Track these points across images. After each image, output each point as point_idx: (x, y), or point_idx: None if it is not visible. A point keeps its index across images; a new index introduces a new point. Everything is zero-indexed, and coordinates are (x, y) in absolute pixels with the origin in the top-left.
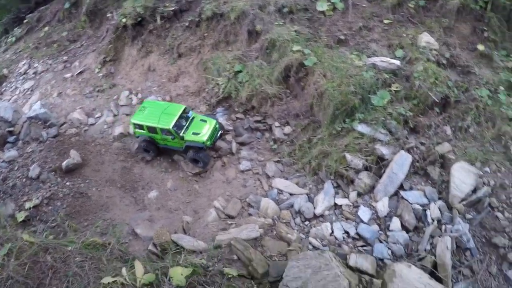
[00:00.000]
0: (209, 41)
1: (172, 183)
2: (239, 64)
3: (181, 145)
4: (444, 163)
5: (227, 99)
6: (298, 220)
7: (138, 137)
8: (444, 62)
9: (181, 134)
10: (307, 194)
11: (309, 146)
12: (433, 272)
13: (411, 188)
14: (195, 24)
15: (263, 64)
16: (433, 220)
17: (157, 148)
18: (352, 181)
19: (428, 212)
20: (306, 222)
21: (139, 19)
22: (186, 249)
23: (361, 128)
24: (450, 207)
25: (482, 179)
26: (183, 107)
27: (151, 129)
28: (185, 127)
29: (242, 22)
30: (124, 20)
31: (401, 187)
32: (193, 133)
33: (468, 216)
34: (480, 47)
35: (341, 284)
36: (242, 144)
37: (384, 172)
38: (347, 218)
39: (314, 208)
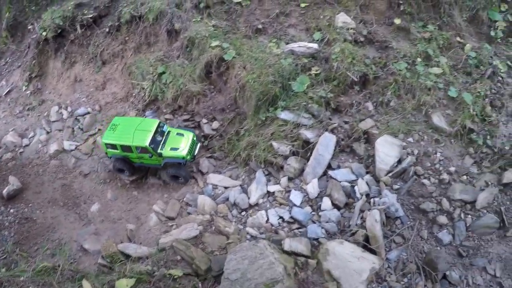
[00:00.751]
0: (130, 44)
1: (112, 193)
2: (161, 66)
3: (159, 162)
4: (369, 139)
5: (154, 101)
6: (234, 212)
7: (110, 157)
8: (362, 39)
9: (158, 150)
10: (240, 185)
11: (238, 139)
12: (366, 245)
13: (338, 167)
14: (115, 29)
15: (185, 62)
16: (361, 195)
17: (132, 167)
18: (281, 168)
19: (356, 188)
20: (243, 213)
21: (59, 30)
22: (133, 257)
23: (284, 115)
24: (378, 181)
25: (406, 149)
26: (157, 121)
27: (125, 148)
28: (162, 142)
29: (160, 22)
30: (44, 33)
31: (329, 166)
32: (171, 149)
33: (396, 186)
34: (397, 20)
35: (276, 270)
36: None
37: (310, 155)
38: (280, 204)
39: (249, 198)
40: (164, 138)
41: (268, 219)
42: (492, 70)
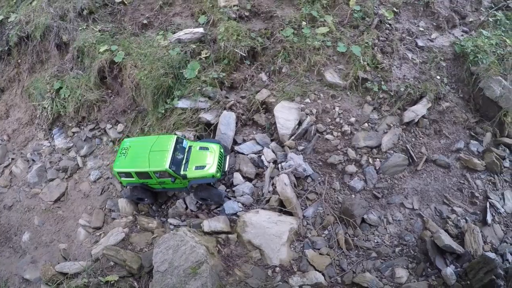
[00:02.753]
0: (24, 66)
1: (39, 219)
2: (57, 81)
3: (184, 185)
4: (268, 108)
5: (58, 118)
6: (155, 207)
7: (126, 186)
8: (247, 14)
9: (181, 172)
10: None
11: (144, 135)
12: (282, 209)
13: (244, 141)
14: (6, 54)
15: (79, 73)
16: (269, 163)
17: (153, 193)
18: None
19: (263, 157)
20: (163, 206)
21: None
22: (69, 274)
23: (182, 103)
24: (283, 146)
25: (304, 111)
26: (174, 137)
27: (142, 175)
28: (184, 161)
29: (48, 38)
30: None
31: (235, 143)
32: (197, 168)
33: (300, 147)
34: None
35: (198, 252)
36: (85, 156)
37: (214, 136)
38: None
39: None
40: (185, 155)
41: (187, 206)
42: (379, 19)
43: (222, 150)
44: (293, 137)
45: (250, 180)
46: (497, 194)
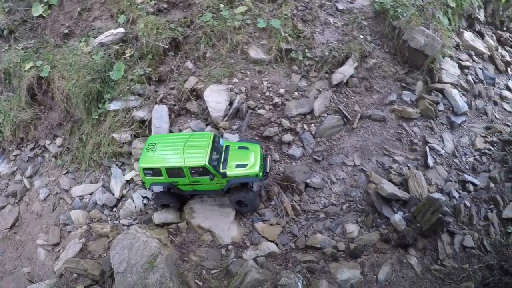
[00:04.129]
0: None
1: None
2: None
3: (221, 186)
4: (198, 94)
5: None
6: (106, 211)
7: (150, 187)
8: (165, 6)
9: (221, 170)
10: (103, 185)
11: (83, 145)
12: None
13: (180, 131)
14: None
15: (10, 95)
16: None
17: (180, 197)
18: (130, 153)
19: None
20: (114, 209)
21: None
22: None
23: (113, 106)
24: (218, 128)
25: (233, 91)
26: (212, 134)
27: (174, 172)
28: (222, 160)
29: None
30: None
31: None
32: (238, 166)
33: (235, 126)
34: None
35: (151, 246)
36: (31, 176)
37: (150, 131)
38: (141, 185)
39: (113, 194)
40: (223, 155)
41: (135, 205)
42: None
43: (262, 151)
44: (226, 118)
45: None
46: (436, 138)
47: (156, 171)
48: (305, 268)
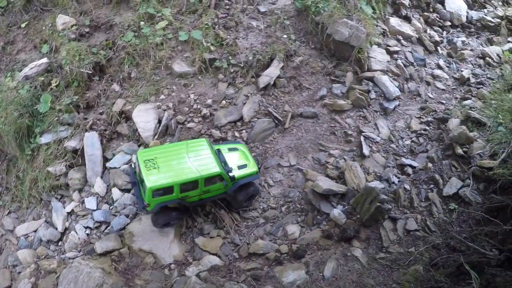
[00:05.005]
0: None
1: None
2: None
3: (225, 189)
4: (127, 116)
5: None
6: (52, 247)
7: (152, 209)
8: (87, 30)
9: (230, 174)
10: (45, 221)
11: (21, 182)
12: None
13: (113, 155)
14: None
15: None
16: None
17: (185, 210)
18: (67, 185)
19: (133, 164)
20: (60, 243)
21: None
22: None
23: (44, 139)
24: (142, 145)
25: (161, 108)
26: (205, 140)
27: (187, 186)
28: (223, 164)
29: None
30: None
31: (106, 160)
32: (240, 167)
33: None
34: None
35: (94, 276)
36: None
37: (83, 159)
38: (83, 216)
39: (56, 228)
40: (220, 158)
41: (79, 236)
42: None
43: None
44: (156, 137)
45: (128, 191)
46: (370, 126)
47: (168, 189)
48: (250, 276)
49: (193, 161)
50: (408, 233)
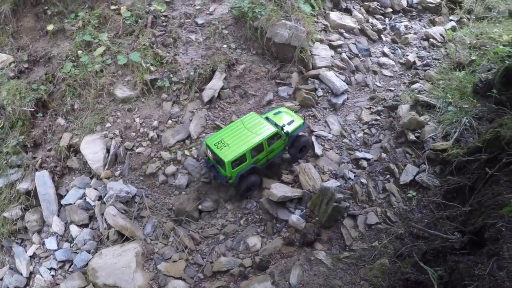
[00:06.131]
0: None
1: None
2: None
3: (284, 146)
4: (76, 149)
5: None
6: None
7: (234, 180)
8: (26, 66)
9: (285, 130)
10: (10, 267)
11: None
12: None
13: (67, 191)
14: None
15: None
16: (94, 201)
17: (258, 175)
18: (26, 228)
19: (87, 199)
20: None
21: None
22: None
23: None
24: (94, 177)
25: (107, 137)
26: (253, 113)
27: (256, 150)
28: (275, 125)
29: None
30: None
31: (61, 197)
32: (289, 123)
33: (117, 172)
34: (49, 27)
35: None
36: None
37: (38, 200)
38: (46, 257)
39: (21, 274)
40: (271, 122)
41: (45, 279)
42: (153, 16)
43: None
44: (106, 166)
45: (86, 226)
46: (321, 124)
47: (242, 158)
48: None
49: (253, 131)
50: (369, 228)
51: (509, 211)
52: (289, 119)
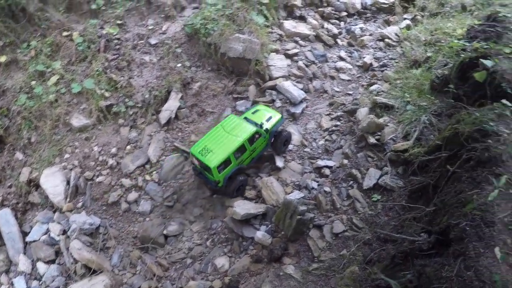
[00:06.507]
0: None
1: None
2: None
3: (266, 142)
4: (37, 183)
5: None
6: None
7: (222, 184)
8: None
9: (264, 128)
10: None
11: None
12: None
13: (31, 228)
14: None
15: None
16: (59, 236)
17: (245, 174)
18: None
19: (51, 233)
20: None
21: None
22: None
23: None
24: (57, 210)
25: (66, 168)
26: (232, 115)
27: (239, 152)
28: (254, 124)
29: None
30: None
31: (25, 234)
32: (267, 120)
33: (79, 204)
34: (2, 58)
35: None
36: None
37: (2, 240)
38: None
39: None
40: (249, 122)
41: None
42: (105, 40)
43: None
44: (68, 199)
45: (53, 261)
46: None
47: (226, 162)
48: None
49: (233, 133)
50: (336, 237)
51: (472, 209)
52: (267, 116)
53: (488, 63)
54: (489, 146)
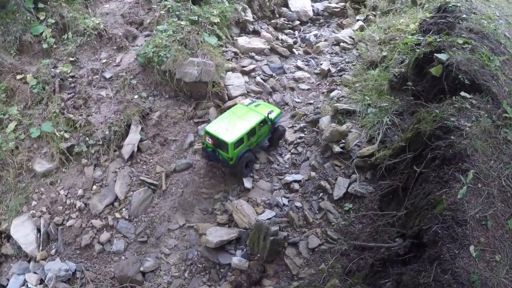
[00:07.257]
0: None
1: None
2: None
3: (269, 131)
4: (8, 234)
5: None
6: None
7: (234, 162)
8: None
9: (270, 116)
10: None
11: None
12: None
13: (8, 280)
14: None
15: None
16: (36, 286)
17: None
18: None
19: (28, 284)
20: None
21: None
22: None
23: None
24: (31, 260)
25: (35, 216)
26: (240, 105)
27: (250, 134)
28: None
29: None
30: None
31: (4, 287)
32: (269, 113)
33: (53, 251)
34: None
35: None
36: None
37: None
38: None
39: None
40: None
41: None
42: (59, 79)
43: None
44: (41, 247)
45: None
46: None
47: (240, 141)
48: None
49: (244, 118)
50: (313, 252)
51: (442, 210)
52: (269, 109)
53: (442, 56)
54: (453, 142)
